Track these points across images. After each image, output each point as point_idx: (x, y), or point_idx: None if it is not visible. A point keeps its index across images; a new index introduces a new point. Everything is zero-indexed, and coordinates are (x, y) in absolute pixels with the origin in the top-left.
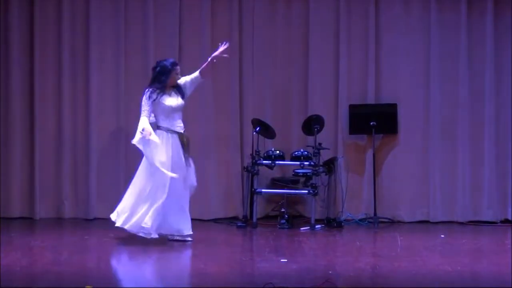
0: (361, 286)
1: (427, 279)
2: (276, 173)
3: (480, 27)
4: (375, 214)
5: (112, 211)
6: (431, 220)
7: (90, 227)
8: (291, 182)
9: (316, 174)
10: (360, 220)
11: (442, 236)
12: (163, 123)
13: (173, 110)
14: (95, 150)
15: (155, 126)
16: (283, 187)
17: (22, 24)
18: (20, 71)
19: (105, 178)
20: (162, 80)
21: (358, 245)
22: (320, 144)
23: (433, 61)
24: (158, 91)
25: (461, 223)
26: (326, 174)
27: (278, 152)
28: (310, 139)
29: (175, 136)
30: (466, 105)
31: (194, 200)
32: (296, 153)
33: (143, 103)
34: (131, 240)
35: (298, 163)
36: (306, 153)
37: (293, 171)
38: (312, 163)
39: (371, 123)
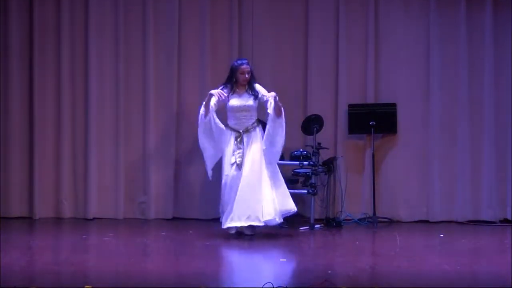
0: (360, 285)
1: (426, 278)
2: None
3: (479, 26)
4: (374, 213)
5: (110, 210)
6: (430, 220)
7: (89, 227)
8: (291, 181)
9: (316, 173)
10: (359, 219)
11: (441, 235)
12: (228, 121)
13: (236, 110)
14: (94, 150)
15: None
16: None
17: (21, 24)
18: (19, 71)
19: (104, 178)
20: (230, 79)
21: (357, 245)
22: (319, 143)
23: (433, 61)
24: (227, 88)
25: (460, 223)
26: (325, 174)
27: None
28: (309, 139)
29: (233, 134)
30: (466, 104)
31: (195, 200)
32: (296, 152)
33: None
34: (130, 240)
35: (297, 162)
36: (305, 152)
37: (293, 170)
38: (311, 162)
39: (371, 123)
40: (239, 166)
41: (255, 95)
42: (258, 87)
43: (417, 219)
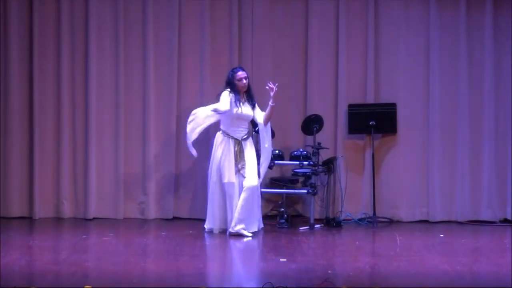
0: (360, 285)
1: (426, 278)
2: (275, 173)
3: (479, 26)
4: (374, 213)
5: (110, 210)
6: (430, 220)
7: (89, 227)
8: (290, 181)
9: (315, 173)
10: (359, 219)
11: (441, 235)
12: (225, 127)
13: (239, 118)
14: (94, 150)
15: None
16: (282, 186)
17: (21, 25)
18: (19, 71)
19: (104, 178)
20: (232, 89)
21: (357, 245)
22: (319, 143)
23: (433, 61)
24: (236, 97)
25: (460, 223)
26: (325, 174)
27: (277, 151)
28: (309, 139)
29: (232, 142)
30: (465, 104)
31: (195, 200)
32: (295, 152)
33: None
34: (130, 240)
35: (297, 162)
36: (305, 152)
37: (292, 170)
38: (311, 162)
39: (370, 123)
40: (242, 174)
41: (253, 104)
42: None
43: (417, 219)
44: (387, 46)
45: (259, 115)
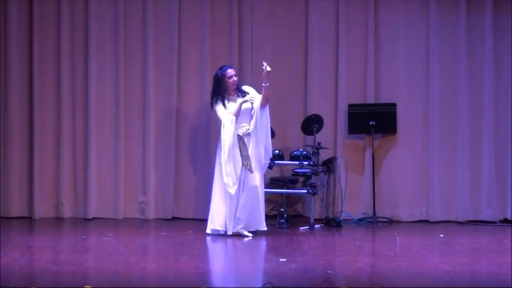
0: (360, 285)
1: (426, 278)
2: (275, 173)
3: (479, 26)
4: (374, 213)
5: (110, 210)
6: (430, 220)
7: (89, 227)
8: (290, 181)
9: (315, 173)
10: (359, 219)
11: (441, 235)
12: None
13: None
14: (94, 150)
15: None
16: (282, 186)
17: (21, 24)
18: (19, 72)
19: (104, 178)
20: (220, 90)
21: (357, 245)
22: (319, 143)
23: (432, 61)
24: (219, 99)
25: (460, 223)
26: (325, 174)
27: (277, 151)
28: (309, 139)
29: (236, 139)
30: (465, 104)
31: (195, 200)
32: (295, 152)
33: (217, 113)
34: (130, 240)
35: (297, 162)
36: (305, 152)
37: (292, 170)
38: (311, 162)
39: (370, 123)
40: (248, 170)
41: (246, 95)
42: (247, 88)
43: (417, 219)
44: (387, 46)
45: (257, 101)
